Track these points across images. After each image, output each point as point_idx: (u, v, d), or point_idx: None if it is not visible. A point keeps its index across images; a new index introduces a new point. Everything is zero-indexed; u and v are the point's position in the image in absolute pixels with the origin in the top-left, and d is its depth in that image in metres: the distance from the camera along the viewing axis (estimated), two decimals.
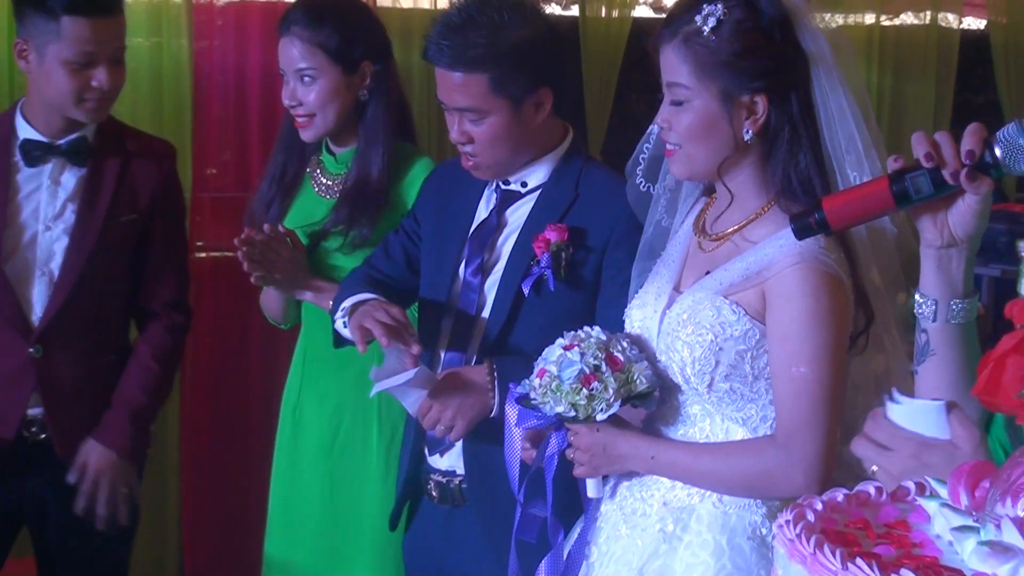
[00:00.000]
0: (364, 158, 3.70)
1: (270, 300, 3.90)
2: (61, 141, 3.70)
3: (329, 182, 3.81)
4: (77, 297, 3.68)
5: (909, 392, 1.92)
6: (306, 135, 3.71)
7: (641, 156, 3.00)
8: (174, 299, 3.85)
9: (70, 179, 3.72)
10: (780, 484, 2.66)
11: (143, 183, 3.76)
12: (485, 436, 3.22)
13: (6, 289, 3.67)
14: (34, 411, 3.71)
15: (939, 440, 1.66)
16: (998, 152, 1.85)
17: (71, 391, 3.74)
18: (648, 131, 2.98)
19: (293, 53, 3.65)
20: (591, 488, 2.87)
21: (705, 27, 2.68)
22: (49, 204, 3.71)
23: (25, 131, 3.70)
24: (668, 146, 2.80)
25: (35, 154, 3.70)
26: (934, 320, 1.92)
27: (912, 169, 1.86)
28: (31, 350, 3.68)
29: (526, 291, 3.21)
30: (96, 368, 3.77)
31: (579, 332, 2.81)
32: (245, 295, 4.84)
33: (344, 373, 3.76)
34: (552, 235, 3.17)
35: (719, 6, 2.68)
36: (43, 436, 3.72)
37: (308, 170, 3.87)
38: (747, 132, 2.72)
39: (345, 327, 3.28)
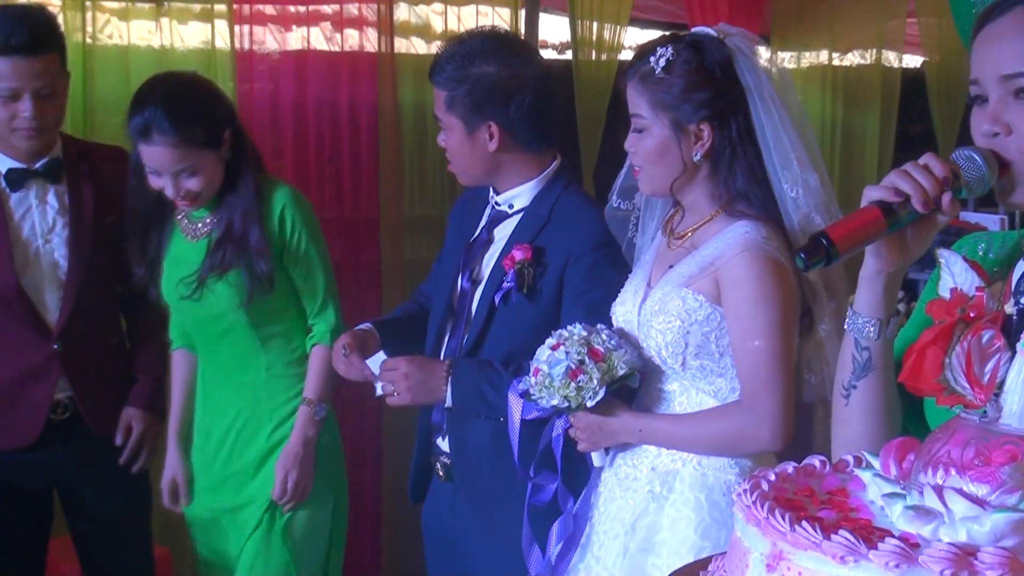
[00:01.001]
0: (229, 206, 3.62)
1: None
2: (37, 165, 3.70)
3: (197, 224, 3.70)
4: (84, 295, 3.71)
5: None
6: (192, 208, 3.63)
7: (617, 183, 3.07)
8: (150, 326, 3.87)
9: (53, 196, 3.73)
10: (750, 440, 2.74)
11: (114, 186, 3.73)
12: (467, 425, 3.28)
13: (24, 299, 3.68)
14: (61, 395, 3.73)
15: None
16: (964, 177, 1.84)
17: (92, 373, 3.77)
18: (627, 164, 3.02)
19: (167, 158, 3.48)
20: (596, 459, 2.94)
21: (657, 67, 2.78)
22: (42, 221, 3.72)
23: (4, 162, 3.70)
24: (635, 167, 2.89)
25: (16, 179, 3.70)
26: (878, 337, 1.89)
27: (898, 196, 1.83)
28: (55, 347, 3.70)
29: (496, 301, 3.24)
30: (105, 350, 3.80)
31: (563, 331, 2.86)
32: None
33: (240, 390, 3.76)
34: (518, 254, 3.20)
35: (669, 48, 2.78)
36: (67, 415, 3.74)
37: (176, 219, 3.76)
38: (696, 155, 2.80)
39: None
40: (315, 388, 3.70)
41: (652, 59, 2.79)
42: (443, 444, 3.35)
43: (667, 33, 2.94)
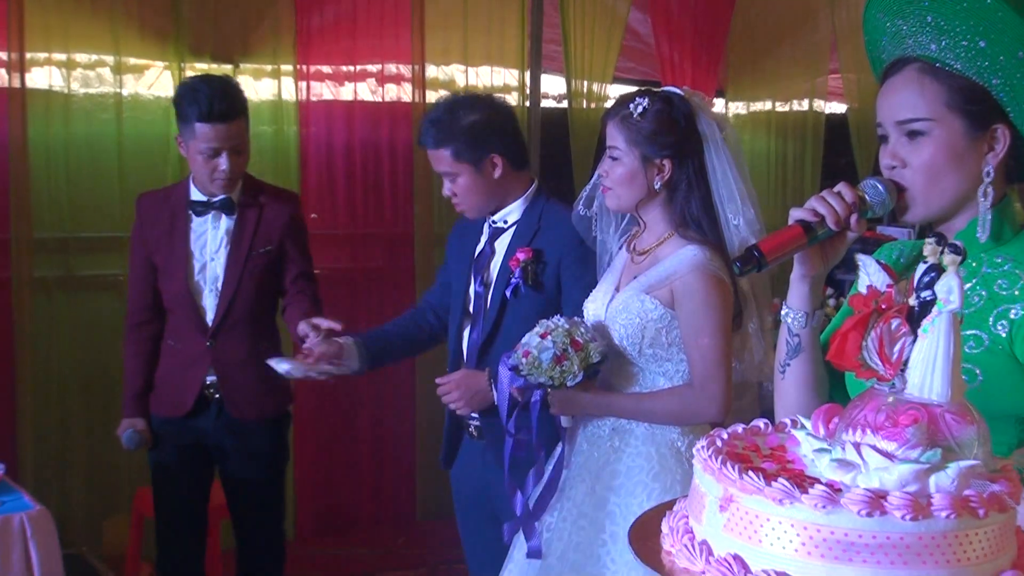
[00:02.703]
0: None
1: None
2: (215, 199, 3.74)
3: None
4: (234, 305, 3.74)
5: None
6: None
7: (581, 196, 3.10)
8: (311, 306, 3.78)
9: (224, 225, 3.76)
10: (700, 415, 2.81)
11: (273, 223, 3.78)
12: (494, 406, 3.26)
13: (191, 301, 3.76)
14: (211, 378, 3.78)
15: None
16: (869, 200, 1.85)
17: (235, 368, 3.78)
18: (591, 182, 3.07)
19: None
20: (564, 421, 2.97)
21: (635, 112, 2.82)
22: (212, 242, 3.76)
23: (194, 194, 3.76)
24: (605, 187, 2.92)
25: (199, 209, 3.75)
26: (805, 326, 1.91)
27: (816, 216, 1.84)
28: (208, 343, 3.76)
29: (508, 295, 3.25)
30: (253, 352, 3.75)
31: (549, 323, 2.86)
32: (348, 303, 4.83)
33: None
34: (521, 256, 3.23)
35: (646, 99, 2.84)
36: (217, 396, 3.79)
37: None
38: (657, 183, 2.85)
39: None
40: None
41: (631, 105, 2.83)
42: (475, 412, 3.34)
43: (644, 88, 2.97)
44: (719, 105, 6.51)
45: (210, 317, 3.78)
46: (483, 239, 3.38)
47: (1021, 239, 1.89)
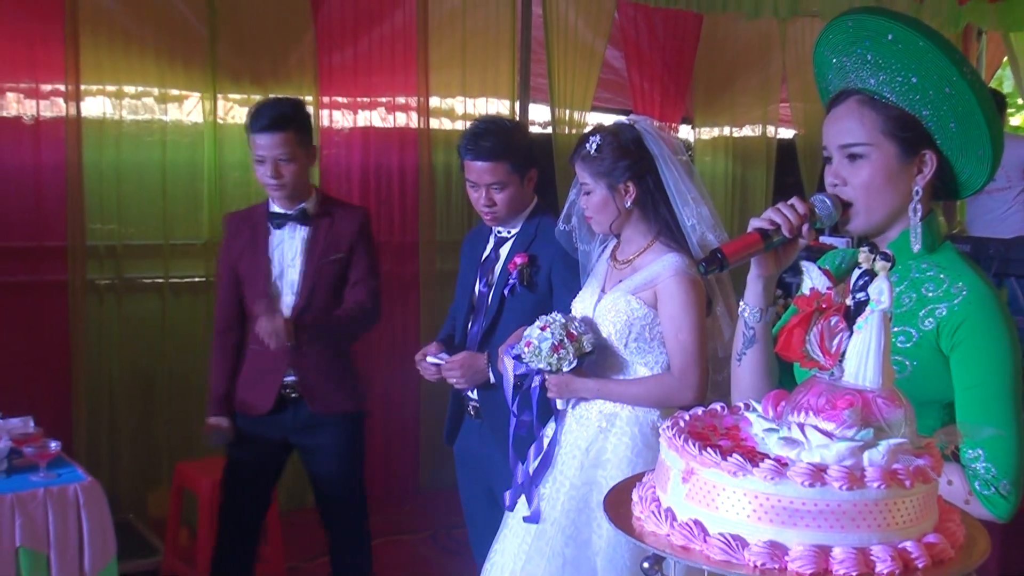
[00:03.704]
0: None
1: None
2: (291, 211, 3.64)
3: None
4: (309, 307, 3.61)
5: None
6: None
7: (562, 215, 3.09)
8: (366, 297, 3.68)
9: (299, 235, 3.65)
10: (680, 400, 2.78)
11: (343, 233, 3.65)
12: (490, 384, 3.27)
13: (271, 305, 3.63)
14: (290, 379, 3.65)
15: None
16: (818, 213, 1.86)
17: (312, 368, 3.65)
18: (567, 203, 3.07)
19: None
20: (559, 404, 2.96)
21: (591, 150, 2.84)
22: (289, 251, 3.65)
23: (273, 208, 3.67)
24: (588, 216, 2.93)
25: (277, 221, 3.66)
26: (759, 320, 1.92)
27: (772, 225, 1.85)
28: (289, 343, 3.58)
29: (506, 294, 3.26)
30: (328, 352, 3.67)
31: (548, 318, 2.87)
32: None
33: None
34: (519, 260, 3.24)
35: (598, 136, 2.86)
36: (295, 395, 3.67)
37: None
38: (627, 203, 2.86)
39: None
40: None
41: (587, 145, 2.85)
42: (472, 394, 3.35)
43: (595, 126, 2.97)
44: (686, 131, 6.50)
45: (289, 318, 3.63)
46: (489, 246, 3.39)
47: (944, 249, 1.91)
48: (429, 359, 3.35)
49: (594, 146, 2.83)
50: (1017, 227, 6.27)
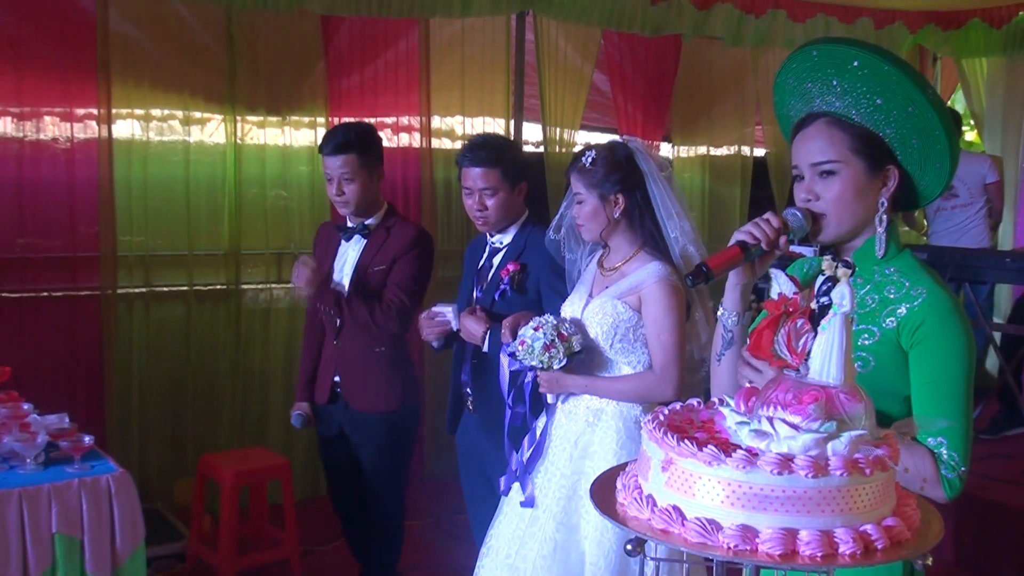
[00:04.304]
0: None
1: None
2: (353, 225, 3.66)
3: None
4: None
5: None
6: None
7: (552, 225, 3.08)
8: (383, 300, 3.59)
9: (359, 246, 3.65)
10: (661, 395, 2.77)
11: (392, 246, 3.62)
12: (481, 375, 3.28)
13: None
14: (336, 377, 3.68)
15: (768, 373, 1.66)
16: (791, 225, 1.87)
17: (352, 367, 3.66)
18: (557, 215, 3.06)
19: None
20: (550, 398, 2.96)
21: (587, 163, 2.84)
22: (348, 261, 3.66)
23: (346, 221, 3.69)
24: (579, 224, 2.92)
25: (343, 234, 3.68)
26: (737, 324, 1.92)
27: (752, 239, 1.85)
28: (335, 343, 3.66)
29: (496, 298, 3.27)
30: (367, 354, 3.65)
31: (540, 319, 2.88)
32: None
33: None
34: (511, 267, 3.25)
35: (593, 151, 2.86)
36: (339, 391, 3.69)
37: None
38: (616, 214, 2.85)
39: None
40: None
41: (584, 159, 2.86)
42: (471, 386, 3.35)
43: (590, 142, 2.99)
44: (666, 149, 6.50)
45: (338, 322, 3.65)
46: (484, 255, 3.40)
47: (904, 255, 1.92)
48: (436, 308, 3.37)
49: (589, 160, 2.83)
50: (978, 239, 6.33)
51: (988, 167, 6.23)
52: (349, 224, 3.68)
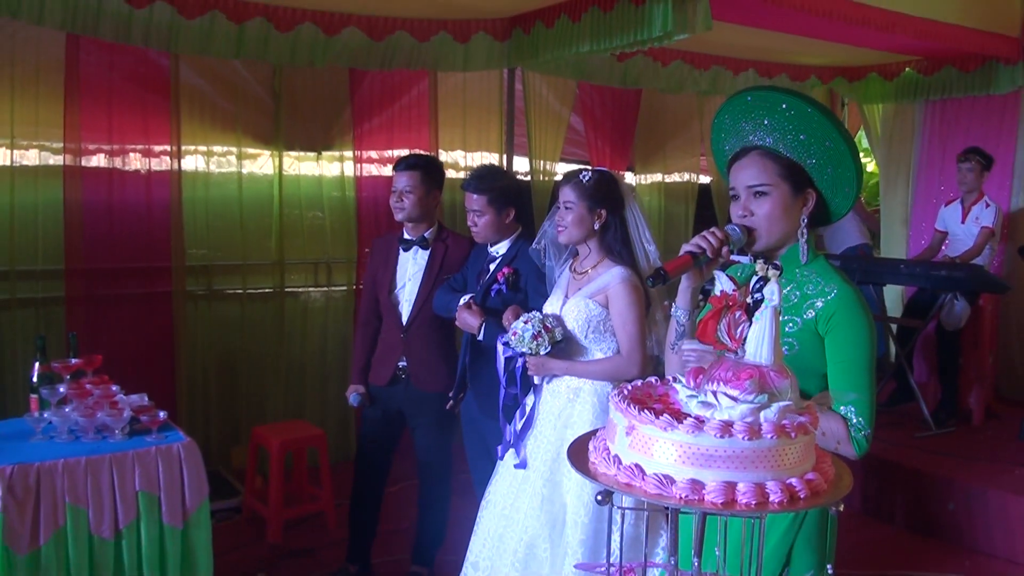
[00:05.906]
0: None
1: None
2: (412, 237, 3.57)
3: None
4: (421, 312, 3.52)
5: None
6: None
7: (536, 237, 3.05)
8: None
9: (420, 257, 3.57)
10: (625, 374, 2.74)
11: (455, 257, 3.55)
12: (477, 359, 3.25)
13: (393, 308, 3.56)
14: (402, 363, 3.56)
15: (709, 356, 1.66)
16: (731, 237, 1.86)
17: (418, 355, 3.55)
18: (542, 227, 3.02)
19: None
20: (536, 379, 2.93)
21: (584, 179, 2.80)
22: (411, 269, 3.57)
23: (404, 235, 3.60)
24: (560, 228, 2.86)
25: (403, 246, 3.59)
26: (687, 320, 1.91)
27: (700, 249, 1.84)
28: (402, 335, 3.55)
29: (492, 295, 3.23)
30: (431, 344, 3.56)
31: (528, 314, 2.86)
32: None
33: None
34: (505, 271, 3.22)
35: (589, 171, 2.82)
36: (404, 376, 3.58)
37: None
38: (596, 225, 2.81)
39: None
40: None
41: (582, 175, 2.82)
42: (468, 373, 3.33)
43: (585, 166, 2.96)
44: (630, 177, 6.50)
45: (404, 319, 3.55)
46: (485, 262, 3.38)
47: (819, 260, 1.92)
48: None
49: (587, 177, 2.81)
50: (854, 237, 6.61)
51: None
52: (407, 236, 3.59)
